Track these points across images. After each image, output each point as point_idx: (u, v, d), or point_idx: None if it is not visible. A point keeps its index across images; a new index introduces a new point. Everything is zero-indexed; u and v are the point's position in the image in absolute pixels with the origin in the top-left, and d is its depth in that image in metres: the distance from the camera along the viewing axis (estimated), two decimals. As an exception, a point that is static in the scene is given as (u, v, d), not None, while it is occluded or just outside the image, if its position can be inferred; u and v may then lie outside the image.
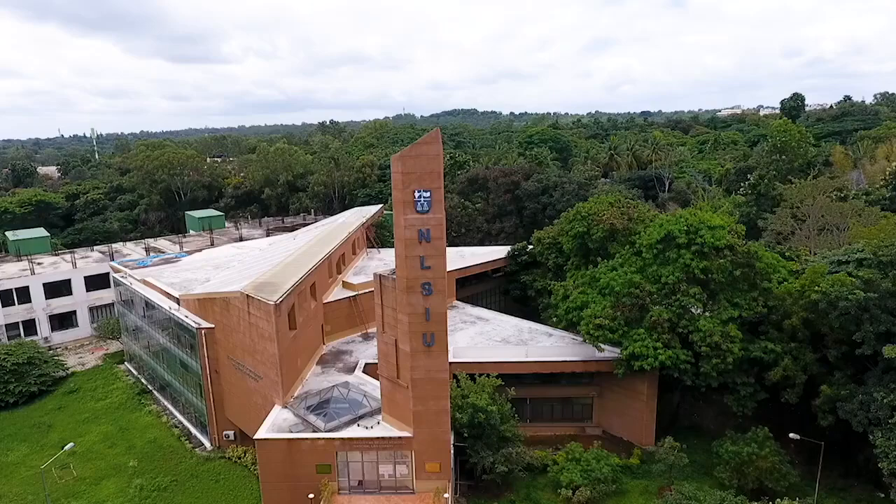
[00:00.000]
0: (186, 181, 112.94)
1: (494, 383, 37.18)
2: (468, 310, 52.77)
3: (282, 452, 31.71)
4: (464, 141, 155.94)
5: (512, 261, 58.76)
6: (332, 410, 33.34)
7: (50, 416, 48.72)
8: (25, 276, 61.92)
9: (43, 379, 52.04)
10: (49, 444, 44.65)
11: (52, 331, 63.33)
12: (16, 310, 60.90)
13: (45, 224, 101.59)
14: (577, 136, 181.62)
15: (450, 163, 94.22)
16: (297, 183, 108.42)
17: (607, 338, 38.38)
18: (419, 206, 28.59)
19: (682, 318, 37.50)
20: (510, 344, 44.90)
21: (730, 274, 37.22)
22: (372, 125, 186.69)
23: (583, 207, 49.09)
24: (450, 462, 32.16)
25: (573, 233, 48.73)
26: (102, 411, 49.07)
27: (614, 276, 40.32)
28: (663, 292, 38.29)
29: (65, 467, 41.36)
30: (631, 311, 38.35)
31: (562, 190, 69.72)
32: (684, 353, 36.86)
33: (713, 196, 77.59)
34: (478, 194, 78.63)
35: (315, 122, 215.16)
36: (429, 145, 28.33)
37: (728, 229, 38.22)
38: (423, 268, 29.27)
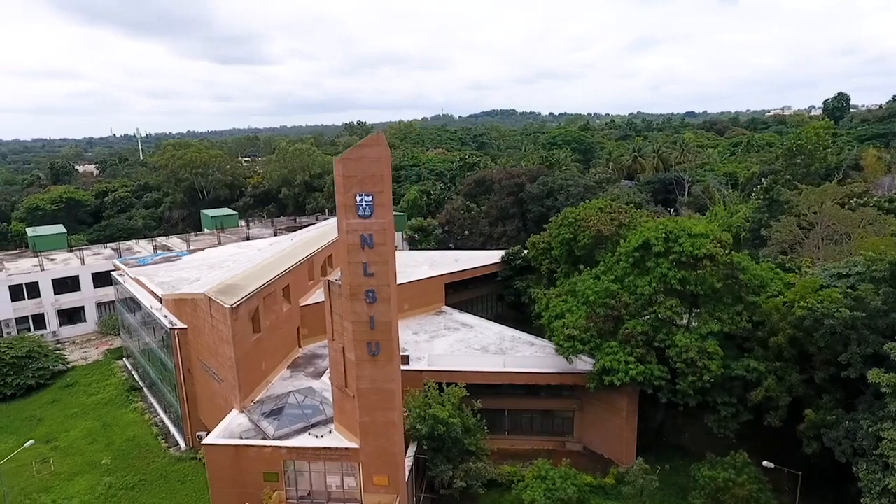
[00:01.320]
0: (209, 180, 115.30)
1: (460, 394, 35.98)
2: (455, 316, 51.59)
3: (229, 458, 31.32)
4: (488, 142, 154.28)
5: (507, 266, 57.30)
6: (286, 417, 32.79)
7: (42, 409, 49.98)
8: (35, 272, 63.96)
9: (41, 372, 53.50)
10: (36, 437, 45.48)
11: (60, 325, 65.27)
12: (25, 304, 63.00)
13: (74, 220, 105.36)
14: (607, 137, 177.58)
15: (459, 164, 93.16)
16: (314, 183, 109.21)
17: (578, 349, 36.60)
18: (361, 211, 27.66)
19: (658, 332, 35.43)
20: (489, 353, 43.51)
21: (710, 286, 34.87)
22: (397, 126, 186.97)
23: (570, 213, 47.33)
24: (400, 476, 31.11)
25: (559, 239, 46.99)
26: (91, 407, 50.04)
27: (589, 285, 38.46)
28: (640, 303, 36.25)
29: (45, 461, 42.24)
30: (605, 323, 36.47)
31: (566, 193, 67.63)
32: (660, 368, 34.81)
33: (731, 201, 73.90)
34: (484, 196, 77.27)
35: (355, 122, 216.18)
36: (370, 148, 27.36)
37: (712, 238, 35.87)
38: (367, 275, 28.32)
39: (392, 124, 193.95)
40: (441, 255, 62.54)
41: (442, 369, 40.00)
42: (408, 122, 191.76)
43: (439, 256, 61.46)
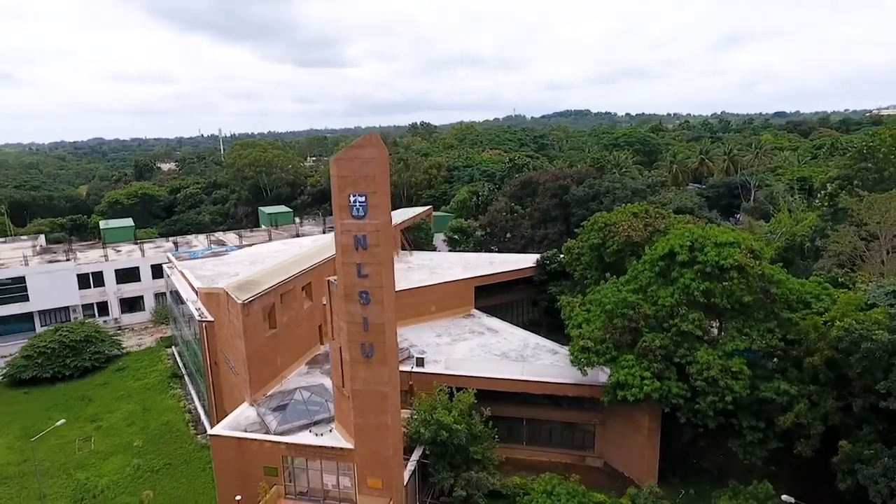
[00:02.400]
0: (272, 178, 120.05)
1: (468, 400, 35.24)
2: (483, 320, 50.69)
3: (233, 450, 32.14)
4: (549, 143, 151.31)
5: (541, 270, 55.75)
6: (289, 413, 33.28)
7: (94, 390, 53.54)
8: (101, 263, 68.78)
9: (97, 356, 57.36)
10: (84, 416, 49.04)
11: (121, 313, 69.84)
12: (91, 292, 67.84)
13: (149, 214, 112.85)
14: (679, 138, 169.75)
15: (508, 165, 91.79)
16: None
17: (592, 361, 34.86)
18: (354, 211, 27.54)
19: (680, 347, 33.16)
20: (508, 359, 42.39)
21: (738, 299, 32.23)
22: (458, 127, 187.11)
23: (600, 217, 45.33)
24: (395, 480, 30.75)
25: (588, 244, 45.13)
26: (136, 391, 53.09)
27: (607, 294, 36.57)
28: (661, 316, 34.06)
29: (87, 440, 45.20)
30: (622, 335, 34.53)
31: (612, 196, 64.97)
32: (679, 386, 32.54)
33: (797, 207, 68.43)
34: (529, 199, 75.65)
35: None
36: (363, 148, 27.19)
37: (743, 247, 33.14)
38: (360, 276, 28.17)
39: (454, 125, 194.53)
40: (477, 257, 61.80)
41: (456, 374, 39.34)
42: (469, 122, 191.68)
43: (474, 258, 60.74)
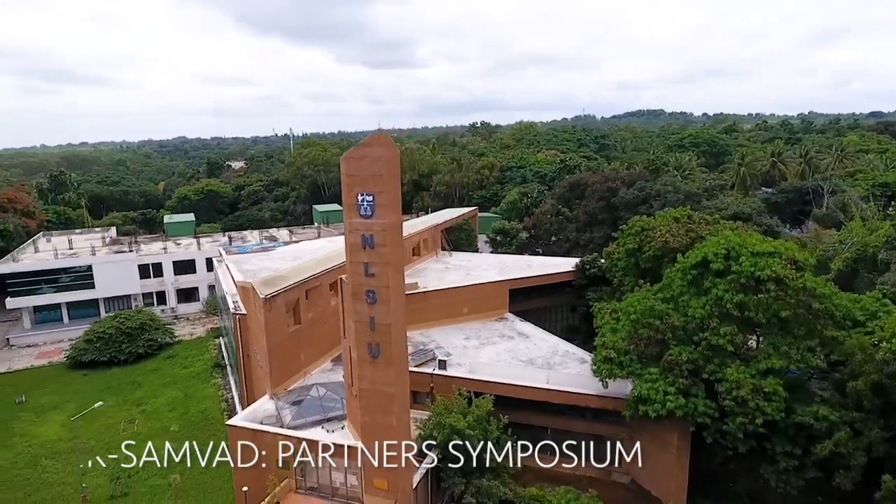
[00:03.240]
0: (330, 177, 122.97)
1: (486, 405, 34.47)
2: (515, 324, 49.59)
3: (247, 440, 32.81)
4: (610, 144, 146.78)
5: (580, 274, 53.94)
6: (303, 408, 33.73)
7: (144, 376, 56.59)
8: (160, 255, 72.69)
9: (150, 343, 60.61)
10: (132, 400, 51.88)
11: (178, 303, 73.53)
12: (151, 282, 71.83)
13: (214, 210, 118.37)
14: (754, 139, 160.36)
15: (559, 166, 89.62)
16: (421, 182, 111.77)
17: (614, 373, 33.23)
18: (362, 210, 27.47)
19: (709, 362, 31.02)
20: (534, 366, 41.24)
21: (775, 314, 29.76)
22: (517, 127, 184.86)
23: (637, 221, 43.24)
24: (401, 481, 30.46)
25: (624, 249, 43.19)
26: (182, 378, 55.64)
27: (633, 302, 34.76)
28: (690, 328, 32.00)
29: (131, 422, 47.78)
30: (648, 347, 32.70)
31: (663, 200, 62.03)
32: (706, 404, 30.45)
33: (871, 215, 62.80)
34: (578, 201, 73.52)
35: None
36: (370, 147, 27.06)
37: (785, 257, 30.58)
38: (367, 275, 28.07)
39: (514, 125, 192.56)
40: (515, 259, 60.65)
41: (476, 378, 38.63)
42: (528, 122, 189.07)
43: (513, 261, 59.64)
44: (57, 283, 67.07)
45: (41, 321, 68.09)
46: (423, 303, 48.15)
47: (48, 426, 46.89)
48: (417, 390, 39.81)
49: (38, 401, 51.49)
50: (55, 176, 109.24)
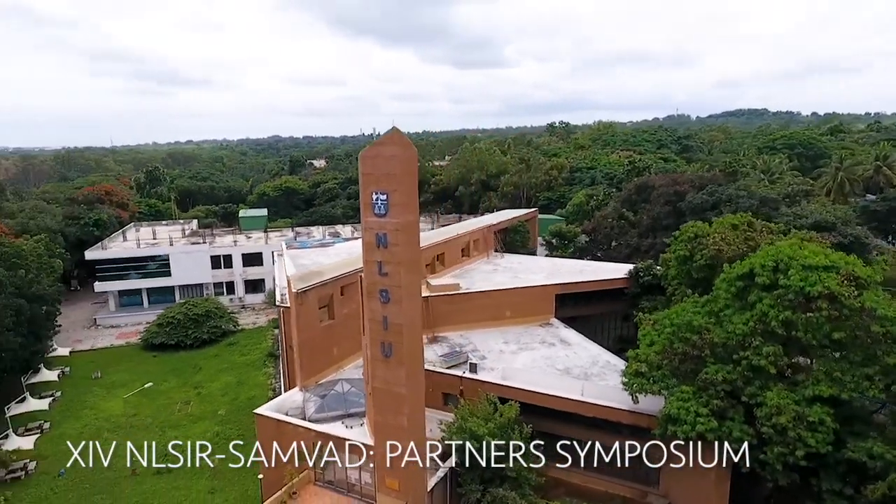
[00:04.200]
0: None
1: (510, 412, 33.51)
2: (559, 330, 47.84)
3: (272, 430, 33.81)
4: (694, 145, 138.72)
5: (634, 282, 51.24)
6: (326, 402, 34.23)
7: (205, 360, 59.97)
8: (231, 247, 76.81)
9: (214, 330, 64.18)
10: (191, 382, 55.13)
11: (245, 293, 77.40)
12: (221, 272, 76.10)
13: (290, 206, 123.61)
14: (864, 141, 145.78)
15: (627, 168, 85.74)
16: (490, 182, 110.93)
17: (644, 388, 31.16)
18: (376, 209, 27.37)
19: (750, 384, 28.35)
20: (570, 376, 39.55)
21: (826, 335, 26.68)
22: (595, 126, 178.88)
23: (691, 227, 40.36)
24: (413, 483, 30.14)
25: (675, 256, 40.49)
26: (238, 365, 58.43)
27: (670, 314, 32.40)
28: (731, 345, 29.38)
29: (187, 403, 50.74)
30: (682, 362, 30.37)
31: (734, 205, 57.56)
32: (744, 430, 27.85)
33: None
34: (644, 205, 69.95)
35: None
36: (384, 146, 26.89)
37: (843, 272, 27.33)
38: (381, 274, 27.97)
39: (592, 125, 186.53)
40: (569, 263, 58.62)
41: (507, 384, 37.57)
42: (608, 122, 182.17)
43: (565, 265, 57.71)
44: (138, 270, 72.59)
45: (124, 304, 74.03)
46: (465, 304, 47.56)
47: (115, 402, 50.71)
48: (448, 392, 39.48)
49: (111, 378, 55.91)
50: (150, 171, 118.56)
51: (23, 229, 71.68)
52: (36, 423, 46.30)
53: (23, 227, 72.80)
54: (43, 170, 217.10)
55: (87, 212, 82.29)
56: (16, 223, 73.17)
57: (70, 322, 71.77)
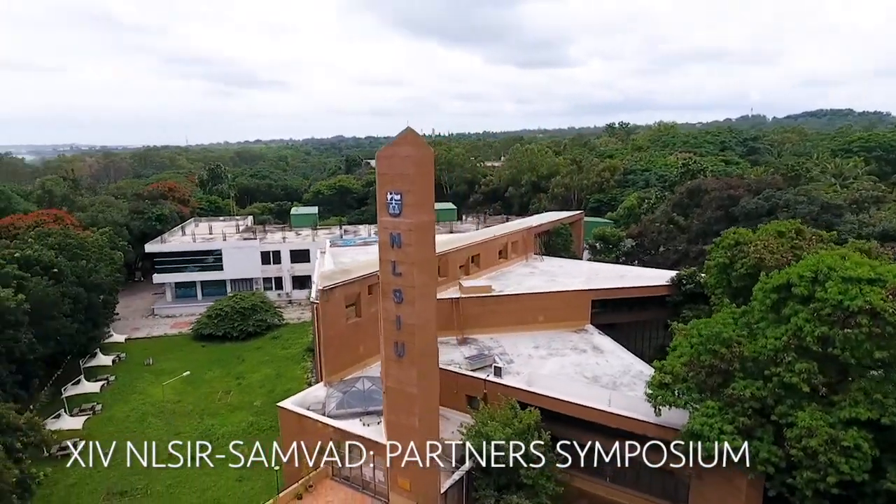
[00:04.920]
0: (452, 176, 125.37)
1: (529, 418, 32.88)
2: (593, 337, 46.49)
3: (294, 424, 34.57)
4: (759, 147, 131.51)
5: (677, 290, 49.18)
6: (346, 399, 34.68)
7: (248, 352, 62.11)
8: (280, 244, 79.28)
9: (259, 323, 66.39)
10: (234, 373, 57.23)
11: (293, 288, 79.65)
12: (271, 268, 78.66)
13: (343, 204, 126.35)
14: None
15: (680, 170, 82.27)
16: (540, 184, 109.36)
17: (667, 400, 29.74)
18: (391, 209, 27.50)
19: (781, 402, 26.54)
20: (598, 384, 38.36)
21: (867, 353, 24.59)
22: (655, 127, 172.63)
23: (731, 234, 38.22)
24: (426, 485, 30.09)
25: (714, 263, 38.51)
26: (279, 358, 60.16)
27: (698, 325, 30.76)
28: (762, 360, 27.59)
29: (227, 393, 52.72)
30: (709, 376, 28.77)
31: (792, 211, 54.27)
32: (772, 450, 26.10)
33: None
34: (696, 209, 66.98)
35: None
36: (399, 146, 26.96)
37: (890, 286, 25.10)
38: (395, 274, 28.07)
39: (652, 125, 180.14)
40: (610, 268, 56.92)
41: (530, 390, 36.79)
42: (669, 122, 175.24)
43: (606, 270, 56.08)
44: (193, 263, 76.13)
45: (180, 296, 77.84)
46: (496, 306, 47.05)
47: (161, 388, 53.32)
48: (472, 395, 39.11)
49: (161, 365, 58.86)
50: (212, 169, 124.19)
51: (92, 222, 76.67)
52: (89, 404, 49.35)
53: (92, 219, 77.85)
54: (122, 167, 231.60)
55: (150, 207, 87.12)
56: (86, 216, 78.36)
57: (131, 311, 76.20)
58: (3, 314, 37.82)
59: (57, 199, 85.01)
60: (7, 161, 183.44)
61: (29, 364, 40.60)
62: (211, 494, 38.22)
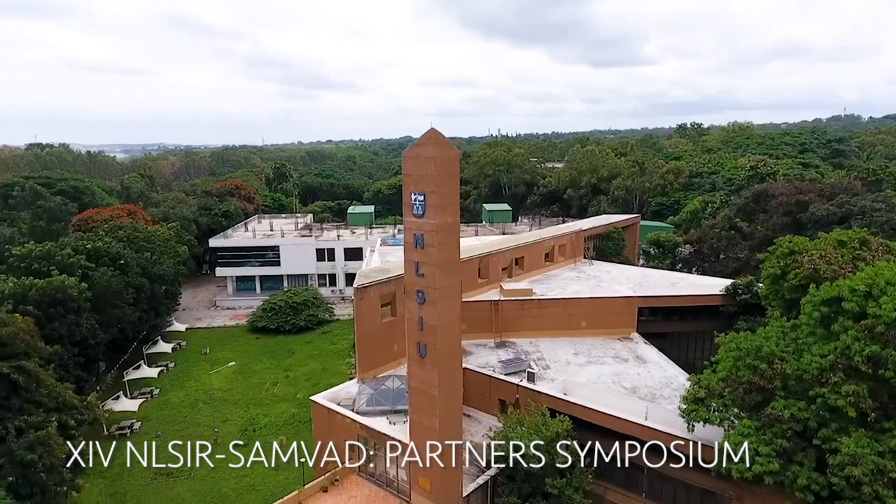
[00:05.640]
0: (511, 177, 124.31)
1: (558, 426, 32.08)
2: (638, 346, 44.75)
3: (324, 418, 35.34)
4: (845, 149, 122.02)
5: (731, 300, 46.54)
6: (375, 397, 35.06)
7: (298, 346, 64.08)
8: (334, 241, 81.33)
9: (310, 318, 68.40)
10: (283, 365, 59.23)
11: (345, 285, 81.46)
12: (325, 265, 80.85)
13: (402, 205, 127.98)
14: None
15: (748, 173, 77.64)
16: (600, 186, 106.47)
17: (701, 416, 28.12)
18: (414, 210, 27.47)
19: (826, 426, 24.53)
20: (635, 395, 36.87)
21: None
22: (728, 128, 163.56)
23: (785, 242, 35.69)
24: (447, 488, 29.90)
25: (766, 273, 36.13)
26: (327, 353, 61.71)
27: (739, 338, 28.89)
28: (807, 378, 25.58)
29: (275, 384, 54.63)
30: (747, 393, 26.98)
31: (868, 219, 50.11)
32: (811, 476, 24.16)
33: None
34: (763, 215, 63.10)
35: (688, 124, 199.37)
36: (423, 147, 26.89)
37: (954, 305, 22.66)
38: (417, 274, 28.05)
39: (726, 126, 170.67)
40: (660, 275, 54.55)
41: (561, 397, 35.84)
42: (744, 123, 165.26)
43: (656, 276, 53.83)
44: (254, 258, 79.42)
45: (240, 289, 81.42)
46: (536, 311, 46.19)
47: (215, 376, 55.91)
48: (504, 399, 38.57)
49: (217, 354, 61.77)
50: (278, 168, 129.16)
51: (164, 217, 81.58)
52: (148, 388, 52.49)
53: (164, 215, 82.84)
54: (201, 165, 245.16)
55: (218, 203, 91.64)
56: (159, 211, 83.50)
57: (196, 301, 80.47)
58: (66, 301, 40.95)
59: (134, 195, 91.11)
60: (100, 159, 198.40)
61: (91, 348, 43.68)
62: (248, 481, 39.66)
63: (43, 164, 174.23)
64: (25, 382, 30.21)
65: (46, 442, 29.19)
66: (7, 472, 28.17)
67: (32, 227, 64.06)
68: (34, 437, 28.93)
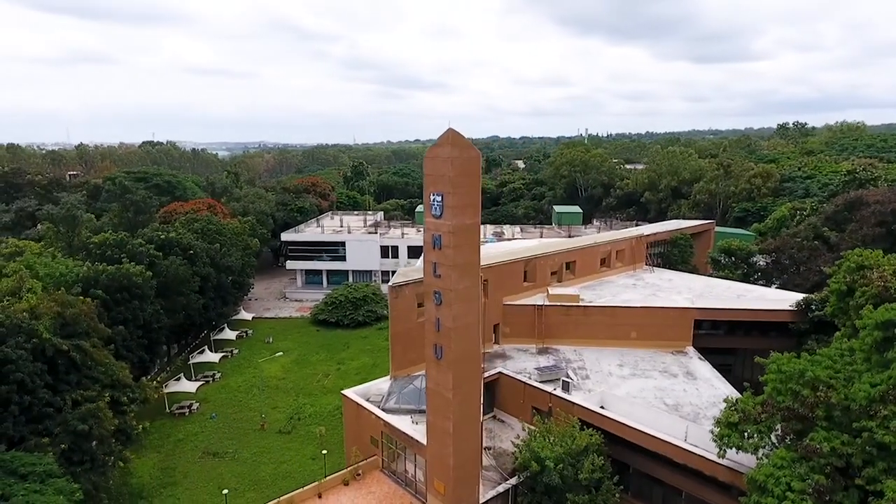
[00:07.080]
0: (587, 178, 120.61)
1: (587, 440, 30.83)
2: (690, 362, 41.91)
3: (353, 412, 35.94)
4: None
5: (803, 316, 42.53)
6: (401, 396, 35.20)
7: (354, 340, 65.67)
8: (398, 239, 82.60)
9: (369, 314, 69.91)
10: (337, 358, 60.96)
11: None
12: (388, 262, 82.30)
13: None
14: None
15: (844, 179, 70.33)
16: (681, 189, 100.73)
17: (734, 442, 25.83)
18: (433, 210, 27.26)
19: (873, 464, 21.78)
20: (676, 414, 34.51)
21: None
22: (837, 128, 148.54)
23: (855, 256, 31.96)
24: (462, 491, 29.47)
25: (833, 290, 32.63)
26: (379, 348, 62.68)
27: (781, 360, 26.18)
28: (855, 409, 22.80)
29: (326, 376, 56.35)
30: (786, 420, 24.49)
31: (977, 232, 43.89)
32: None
33: None
34: (854, 224, 57.00)
35: (791, 124, 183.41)
36: (441, 147, 26.58)
37: None
38: (435, 275, 27.84)
39: (831, 126, 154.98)
40: (726, 286, 50.72)
41: (594, 410, 34.26)
42: (854, 123, 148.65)
43: (721, 287, 50.24)
44: (324, 253, 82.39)
45: (308, 282, 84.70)
46: (582, 318, 44.50)
47: (273, 365, 58.53)
48: (537, 407, 37.50)
49: (278, 344, 64.60)
50: (355, 166, 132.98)
51: (243, 211, 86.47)
52: (211, 372, 55.82)
53: (244, 209, 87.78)
54: (293, 163, 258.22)
55: (294, 199, 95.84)
56: (239, 206, 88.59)
57: (268, 292, 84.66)
58: (131, 287, 44.41)
59: (218, 190, 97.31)
60: (203, 156, 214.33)
61: (154, 332, 47.11)
62: (286, 468, 41.12)
63: (153, 159, 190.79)
64: (81, 360, 33.02)
65: (97, 414, 31.73)
66: (61, 439, 30.93)
67: (121, 217, 70.16)
68: (86, 410, 31.54)
